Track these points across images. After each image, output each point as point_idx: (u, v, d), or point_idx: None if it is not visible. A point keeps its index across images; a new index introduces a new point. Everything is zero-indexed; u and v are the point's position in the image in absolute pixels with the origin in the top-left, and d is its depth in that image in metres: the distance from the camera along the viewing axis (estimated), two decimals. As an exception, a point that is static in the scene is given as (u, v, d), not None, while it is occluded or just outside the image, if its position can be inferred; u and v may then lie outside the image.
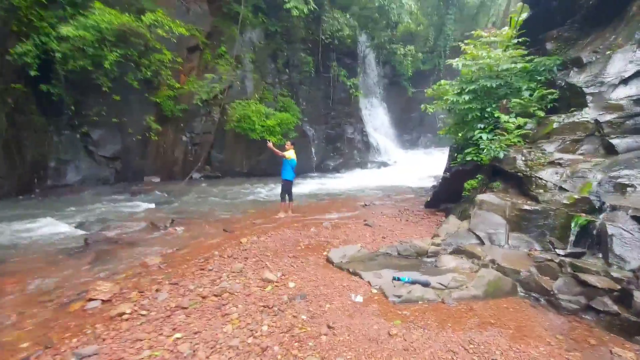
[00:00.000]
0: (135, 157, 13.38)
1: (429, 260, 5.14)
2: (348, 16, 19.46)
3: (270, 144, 8.26)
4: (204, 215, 8.53)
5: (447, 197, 9.31)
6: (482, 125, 7.77)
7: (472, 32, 9.58)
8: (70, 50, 10.84)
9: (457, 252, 5.23)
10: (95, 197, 10.55)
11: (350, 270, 4.66)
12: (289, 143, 8.54)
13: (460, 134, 8.92)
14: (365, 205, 9.89)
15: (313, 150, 18.61)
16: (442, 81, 12.84)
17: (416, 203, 10.52)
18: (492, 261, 4.75)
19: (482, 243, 5.52)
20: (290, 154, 8.38)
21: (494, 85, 7.71)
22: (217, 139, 15.30)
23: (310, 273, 4.68)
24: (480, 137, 7.52)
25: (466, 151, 8.01)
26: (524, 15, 9.96)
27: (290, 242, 6.18)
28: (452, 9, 24.85)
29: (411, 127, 27.90)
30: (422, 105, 13.76)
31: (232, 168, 15.64)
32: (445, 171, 13.81)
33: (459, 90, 8.68)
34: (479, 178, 7.48)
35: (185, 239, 6.56)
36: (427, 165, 19.40)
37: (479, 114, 7.98)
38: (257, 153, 16.04)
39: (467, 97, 7.95)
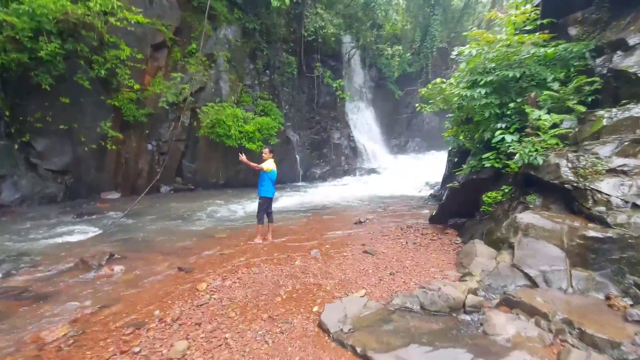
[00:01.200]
0: (90, 169, 11.32)
1: (468, 318, 3.46)
2: (332, 14, 17.97)
3: (243, 158, 6.46)
4: (161, 243, 6.65)
5: (457, 210, 7.73)
6: (503, 125, 6.22)
7: (461, 32, 8.18)
8: (1, 41, 8.83)
9: (508, 303, 3.58)
10: (33, 221, 8.47)
11: (358, 349, 2.92)
12: (266, 150, 6.78)
13: (476, 135, 7.36)
14: (360, 222, 8.20)
15: (297, 157, 16.88)
16: (438, 79, 11.42)
17: (418, 217, 8.92)
18: (568, 323, 3.11)
19: (535, 285, 3.89)
20: (269, 164, 6.63)
21: (518, 75, 6.19)
22: (189, 147, 13.38)
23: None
24: (503, 139, 5.97)
25: (484, 156, 6.46)
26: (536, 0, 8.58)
27: (267, 287, 4.40)
28: (437, 10, 23.74)
29: (399, 132, 26.54)
30: (417, 105, 12.31)
31: (207, 179, 13.71)
32: (445, 179, 12.36)
33: (469, 84, 7.14)
34: (506, 190, 5.90)
35: (121, 285, 4.69)
36: (418, 171, 17.97)
37: (497, 111, 6.44)
38: (235, 162, 14.15)
39: (483, 91, 6.41)
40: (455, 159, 11.46)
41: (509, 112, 6.28)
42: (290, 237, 6.97)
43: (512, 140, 5.82)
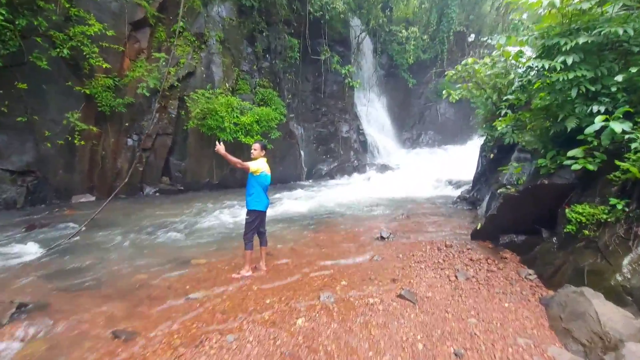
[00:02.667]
0: (58, 169, 9.47)
1: None
2: (340, -8, 15.81)
3: (220, 148, 4.53)
4: (113, 275, 4.75)
5: (514, 225, 5.73)
6: (601, 108, 4.18)
7: (480, 15, 6.14)
8: None
9: None
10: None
11: None
12: (257, 146, 4.85)
13: (545, 124, 5.32)
14: (382, 237, 6.23)
15: (302, 153, 14.92)
16: (470, 59, 9.43)
17: (452, 228, 6.94)
18: None
19: None
20: (259, 164, 4.70)
21: (632, 33, 4.09)
22: (177, 143, 11.47)
23: None
24: (605, 129, 3.94)
25: (570, 153, 4.43)
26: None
27: (245, 385, 2.49)
28: (455, -11, 21.38)
29: (411, 124, 24.35)
30: (445, 91, 10.27)
31: (198, 179, 11.82)
32: (477, 178, 10.30)
33: (539, 51, 5.09)
34: (617, 205, 3.86)
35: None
36: (435, 168, 15.90)
37: (591, 88, 4.39)
38: (231, 159, 12.26)
39: (570, 60, 4.34)
40: (492, 155, 9.44)
41: (612, 90, 4.22)
42: (290, 264, 5.04)
43: (623, 129, 3.79)
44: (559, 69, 4.39)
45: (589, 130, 4.14)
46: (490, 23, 25.04)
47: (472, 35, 25.71)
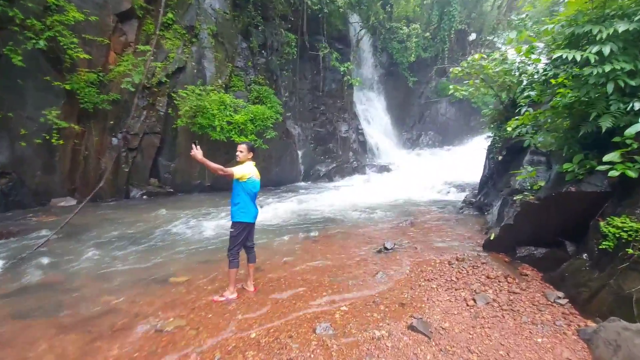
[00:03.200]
0: (35, 171, 8.78)
1: None
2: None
3: (196, 153, 3.78)
4: (74, 297, 4.07)
5: (532, 236, 5.11)
6: (643, 105, 3.57)
7: (481, 12, 5.54)
8: None
9: None
10: None
11: None
12: (243, 147, 4.18)
13: (564, 124, 4.71)
14: (386, 248, 5.59)
15: (299, 153, 14.26)
16: (477, 55, 8.86)
17: (462, 238, 6.32)
18: None
19: None
20: (246, 169, 4.05)
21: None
22: (166, 142, 10.79)
23: None
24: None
25: (606, 157, 3.81)
26: None
27: None
28: (457, -14, 20.78)
29: (411, 124, 23.73)
30: (452, 87, 9.66)
31: (189, 181, 11.14)
32: (484, 181, 9.67)
33: (566, 42, 4.47)
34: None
35: None
36: (437, 170, 15.32)
37: (630, 82, 3.76)
38: (224, 159, 11.57)
39: (607, 50, 3.71)
40: (500, 157, 8.83)
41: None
42: (283, 282, 4.39)
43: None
44: (593, 60, 3.76)
45: (631, 131, 3.53)
46: (491, 22, 24.50)
47: (474, 34, 25.14)
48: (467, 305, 3.70)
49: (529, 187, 6.44)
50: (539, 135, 6.68)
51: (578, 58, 3.83)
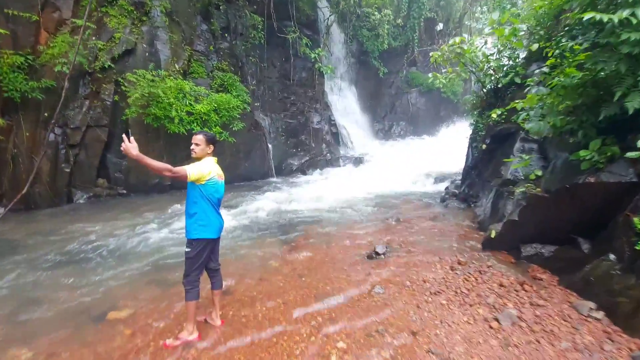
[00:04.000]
0: (-55, 173, 7.11)
1: None
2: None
3: (129, 147, 2.61)
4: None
5: (538, 233, 4.53)
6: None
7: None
8: None
9: None
10: None
11: None
12: (199, 138, 3.09)
13: (573, 100, 4.08)
14: (377, 253, 4.80)
15: (269, 146, 13.17)
16: (458, 38, 8.30)
17: (456, 235, 5.68)
18: None
19: None
20: (204, 167, 2.99)
21: None
22: (116, 136, 9.31)
23: None
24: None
25: (642, 144, 3.21)
26: None
27: None
28: (425, -27, 20.30)
29: (382, 115, 23.24)
30: (431, 74, 9.02)
31: (146, 180, 9.76)
32: (468, 171, 9.14)
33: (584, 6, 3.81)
34: None
35: None
36: (412, 161, 14.88)
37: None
38: (186, 155, 10.30)
39: (644, 10, 3.08)
40: (484, 146, 8.32)
41: None
42: (258, 308, 3.44)
43: None
44: (635, 22, 3.10)
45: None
46: (457, 12, 24.43)
47: (441, 24, 24.98)
48: (491, 327, 2.98)
49: (523, 177, 5.92)
50: (529, 121, 6.15)
51: (616, 20, 3.14)
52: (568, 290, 3.66)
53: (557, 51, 4.33)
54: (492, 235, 4.94)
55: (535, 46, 6.01)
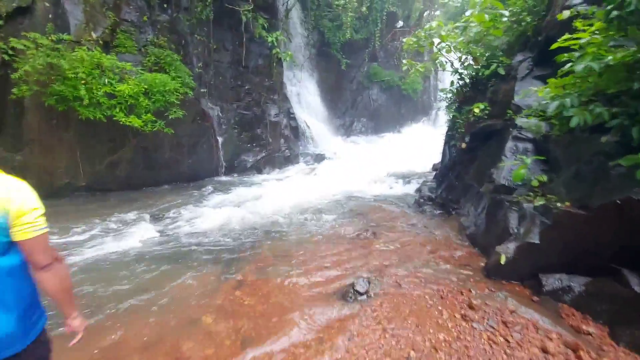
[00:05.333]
0: None
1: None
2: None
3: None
4: None
5: (565, 260, 3.39)
6: None
7: None
8: None
9: None
10: None
11: None
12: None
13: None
14: (358, 292, 3.37)
15: (219, 140, 11.25)
16: (434, 23, 7.18)
17: (446, 255, 4.47)
18: None
19: None
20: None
21: None
22: (6, 123, 6.92)
23: None
24: None
25: None
26: None
27: None
28: (388, -35, 19.31)
29: (343, 110, 22.01)
30: (405, 61, 7.80)
31: (51, 181, 7.43)
32: (443, 172, 8.06)
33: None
34: None
35: None
36: (376, 159, 13.80)
37: None
38: (107, 149, 8.12)
39: None
40: (463, 145, 7.29)
41: None
42: None
43: None
44: None
45: None
46: (418, 9, 23.97)
47: (401, 22, 24.34)
48: None
49: (521, 184, 4.88)
50: (521, 116, 5.16)
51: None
52: (632, 352, 2.51)
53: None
54: (502, 262, 3.75)
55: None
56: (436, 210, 7.05)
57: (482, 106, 6.66)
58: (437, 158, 12.83)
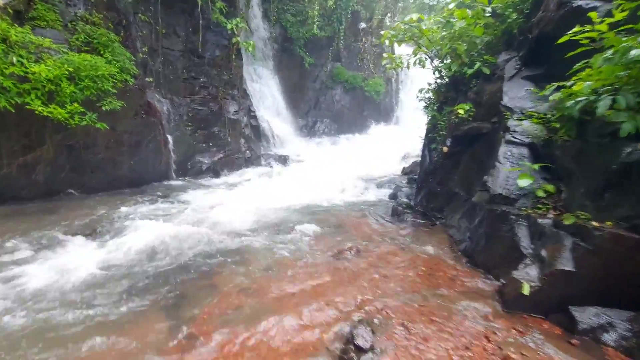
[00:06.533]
0: None
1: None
2: None
3: None
4: None
5: (603, 291, 2.79)
6: None
7: None
8: None
9: None
10: None
11: None
12: None
13: None
14: (359, 350, 2.46)
15: (169, 138, 9.73)
16: (414, 15, 6.57)
17: (455, 285, 3.73)
18: None
19: None
20: None
21: None
22: None
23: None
24: None
25: None
26: None
27: None
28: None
29: (306, 110, 21.09)
30: (386, 55, 7.10)
31: None
32: (426, 175, 7.36)
33: None
34: None
35: None
36: (344, 161, 13.14)
37: None
38: (21, 146, 6.39)
39: None
40: (445, 149, 6.72)
41: None
42: None
43: None
44: None
45: None
46: (380, 10, 23.89)
47: (363, 23, 24.05)
48: None
49: (521, 193, 4.34)
50: (514, 119, 4.64)
51: None
52: None
53: None
54: (525, 292, 3.07)
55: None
56: (417, 220, 6.40)
57: (467, 107, 6.13)
58: (406, 161, 12.51)
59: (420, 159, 7.92)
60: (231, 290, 3.39)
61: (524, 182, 4.04)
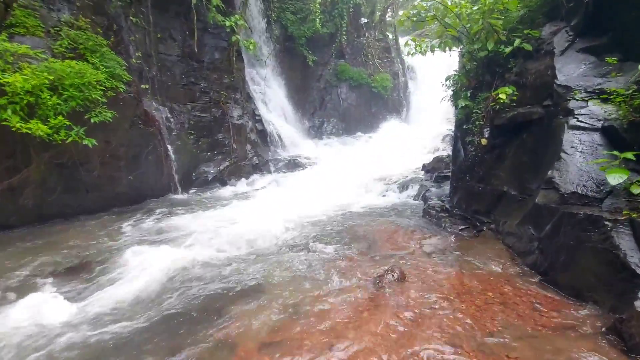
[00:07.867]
0: None
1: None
2: None
3: None
4: None
5: None
6: None
7: None
8: None
9: None
10: None
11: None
12: None
13: None
14: None
15: (170, 149, 8.95)
16: None
17: (531, 312, 2.82)
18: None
19: None
20: None
21: None
22: None
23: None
24: None
25: None
26: None
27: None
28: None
29: (312, 111, 20.23)
30: (408, 42, 6.19)
31: None
32: (460, 172, 6.21)
33: None
34: None
35: None
36: (357, 162, 12.22)
37: None
38: (4, 168, 5.65)
39: None
40: (483, 140, 5.78)
41: None
42: None
43: None
44: None
45: None
46: (382, 4, 23.04)
47: (364, 19, 23.18)
48: None
49: (607, 190, 3.43)
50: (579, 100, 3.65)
51: None
52: None
53: None
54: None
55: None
56: (458, 226, 5.48)
57: (509, 91, 5.22)
58: (424, 158, 11.48)
59: (447, 153, 7.00)
60: (250, 345, 2.52)
61: (617, 178, 3.12)
